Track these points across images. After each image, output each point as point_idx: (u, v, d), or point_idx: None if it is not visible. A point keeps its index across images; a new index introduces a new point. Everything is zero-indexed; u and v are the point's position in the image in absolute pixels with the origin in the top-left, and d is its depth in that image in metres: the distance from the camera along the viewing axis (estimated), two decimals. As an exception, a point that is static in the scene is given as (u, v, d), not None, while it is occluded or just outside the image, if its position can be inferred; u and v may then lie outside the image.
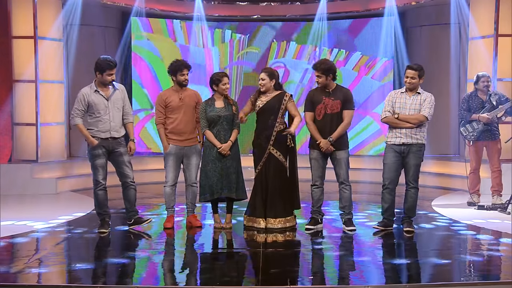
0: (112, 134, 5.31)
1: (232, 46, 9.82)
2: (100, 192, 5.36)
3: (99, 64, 5.29)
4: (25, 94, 8.08)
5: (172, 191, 5.54)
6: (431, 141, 8.76)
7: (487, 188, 6.78)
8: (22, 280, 4.01)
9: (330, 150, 5.35)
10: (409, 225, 5.36)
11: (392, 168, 5.32)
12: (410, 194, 5.35)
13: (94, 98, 5.29)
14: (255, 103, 5.45)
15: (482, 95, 6.62)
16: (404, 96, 5.37)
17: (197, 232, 5.47)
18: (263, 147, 5.38)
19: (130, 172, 5.45)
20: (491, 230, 5.50)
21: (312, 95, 5.48)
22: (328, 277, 4.19)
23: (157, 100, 5.54)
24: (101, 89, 5.32)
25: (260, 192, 5.41)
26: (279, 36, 9.82)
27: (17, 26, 8.05)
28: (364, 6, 9.50)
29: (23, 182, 7.77)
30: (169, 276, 4.27)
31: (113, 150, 5.35)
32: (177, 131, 5.46)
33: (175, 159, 5.49)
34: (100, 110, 5.28)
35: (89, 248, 5.03)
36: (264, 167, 5.39)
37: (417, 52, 9.26)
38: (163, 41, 9.61)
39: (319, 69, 5.35)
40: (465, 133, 6.66)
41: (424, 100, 5.30)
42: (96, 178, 5.34)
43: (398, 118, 5.28)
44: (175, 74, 5.48)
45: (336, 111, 5.35)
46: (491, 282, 3.91)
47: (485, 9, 7.93)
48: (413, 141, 5.28)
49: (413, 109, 5.30)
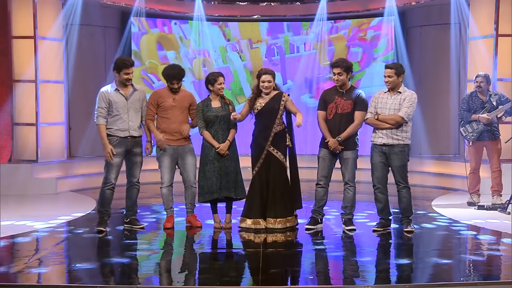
0: (131, 133, 5.36)
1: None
2: (108, 191, 5.38)
3: (116, 64, 5.37)
4: (25, 94, 8.09)
5: (169, 192, 5.53)
6: (431, 141, 8.81)
7: (487, 188, 6.77)
8: (22, 280, 4.01)
9: (338, 149, 5.34)
10: (409, 225, 5.35)
11: (378, 168, 5.31)
12: (403, 194, 5.33)
13: (114, 96, 5.33)
14: (254, 105, 5.42)
15: (482, 95, 6.61)
16: (386, 96, 5.34)
17: (196, 232, 5.47)
18: (262, 146, 5.37)
19: (138, 173, 5.50)
20: (491, 230, 5.50)
21: (325, 95, 5.49)
22: (328, 277, 4.19)
23: (150, 97, 5.51)
24: (121, 89, 5.37)
25: (259, 193, 5.38)
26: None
27: (17, 26, 8.06)
28: (364, 6, 9.51)
29: (23, 182, 7.77)
30: (169, 276, 4.27)
31: (131, 149, 5.39)
32: (170, 130, 5.44)
33: (170, 160, 5.48)
34: (119, 108, 5.32)
35: (89, 248, 5.02)
36: (263, 166, 5.37)
37: (417, 52, 9.28)
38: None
39: (341, 66, 5.33)
40: (465, 133, 6.66)
41: (404, 100, 5.25)
42: (108, 176, 5.35)
43: (378, 119, 5.27)
44: (168, 82, 5.50)
45: (347, 111, 5.34)
46: (491, 282, 3.91)
47: (485, 9, 7.94)
48: (394, 142, 5.23)
49: (392, 109, 5.26)
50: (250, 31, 9.80)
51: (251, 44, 9.82)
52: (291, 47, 9.81)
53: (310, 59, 9.70)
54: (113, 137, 5.33)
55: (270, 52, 9.83)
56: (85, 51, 8.97)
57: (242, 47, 9.76)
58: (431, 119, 9.03)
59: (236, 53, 9.80)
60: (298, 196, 5.54)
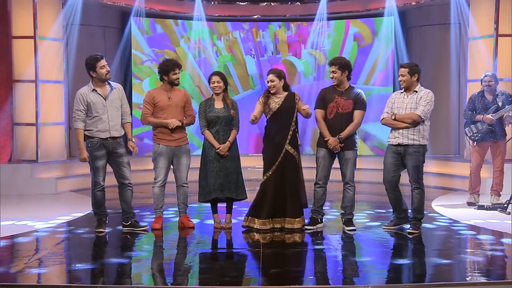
0: (112, 133, 5.29)
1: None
2: (99, 193, 5.36)
3: (88, 63, 5.30)
4: (25, 94, 8.10)
5: (161, 192, 5.50)
6: (432, 141, 8.76)
7: (488, 188, 6.78)
8: (22, 280, 4.02)
9: (337, 149, 5.34)
10: (414, 227, 5.34)
11: (389, 168, 5.33)
12: (414, 195, 5.34)
13: (92, 97, 5.27)
14: (267, 105, 5.37)
15: (489, 95, 6.59)
16: (403, 96, 5.36)
17: (191, 232, 5.46)
18: (280, 145, 5.30)
19: (128, 174, 5.43)
20: (491, 230, 5.51)
21: (324, 93, 5.48)
22: (329, 277, 4.20)
23: (146, 97, 5.47)
24: (99, 88, 5.31)
25: (273, 193, 5.29)
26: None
27: (17, 26, 8.07)
28: (364, 6, 9.53)
29: (23, 182, 7.79)
30: (169, 276, 4.26)
31: (113, 151, 5.32)
32: (166, 130, 5.41)
33: (166, 160, 5.45)
34: (99, 109, 5.25)
35: (88, 248, 5.03)
36: (279, 167, 5.29)
37: (417, 52, 9.29)
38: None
39: (336, 63, 5.35)
40: (469, 134, 6.65)
41: (420, 98, 5.26)
42: (96, 180, 5.32)
43: (395, 119, 5.27)
44: (168, 74, 5.44)
45: (348, 110, 5.34)
46: (491, 282, 3.92)
47: (485, 9, 7.96)
48: (409, 142, 5.23)
49: (409, 109, 5.27)
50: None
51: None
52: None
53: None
54: (94, 139, 5.24)
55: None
56: (85, 51, 8.86)
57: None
58: (431, 119, 8.92)
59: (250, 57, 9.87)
60: (304, 195, 5.50)
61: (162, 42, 9.65)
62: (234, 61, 9.91)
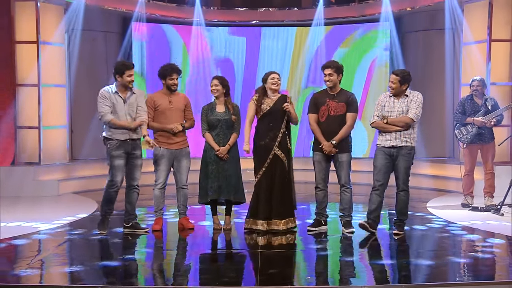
0: (131, 135, 5.33)
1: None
2: (114, 193, 5.35)
3: (118, 67, 5.33)
4: (28, 98, 8.18)
5: (161, 194, 5.54)
6: (426, 143, 8.86)
7: (481, 189, 6.83)
8: (25, 281, 4.02)
9: (332, 153, 5.36)
10: (399, 228, 5.37)
11: (383, 170, 5.29)
12: (401, 197, 5.32)
13: (114, 99, 5.31)
14: (260, 106, 5.39)
15: (478, 98, 6.68)
16: (392, 99, 5.33)
17: (191, 234, 5.49)
18: (269, 148, 5.34)
19: (139, 176, 5.47)
20: (485, 231, 5.55)
21: (316, 98, 5.50)
22: (326, 278, 4.23)
23: (147, 101, 5.48)
24: (120, 92, 5.34)
25: (264, 194, 5.34)
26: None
27: (20, 31, 8.15)
28: (360, 12, 9.62)
29: (26, 184, 7.86)
30: (169, 276, 4.32)
31: (131, 152, 5.37)
32: (167, 134, 5.46)
33: (167, 162, 5.50)
34: (119, 111, 5.29)
35: (90, 249, 5.06)
36: (268, 168, 5.34)
37: (413, 57, 9.36)
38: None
39: (332, 66, 5.36)
40: (459, 136, 6.73)
41: (411, 101, 5.26)
42: (114, 179, 5.29)
43: (387, 123, 5.26)
44: (165, 78, 5.51)
45: (340, 113, 5.35)
46: (486, 282, 3.95)
47: (479, 15, 8.04)
48: (402, 144, 5.23)
49: (400, 112, 5.26)
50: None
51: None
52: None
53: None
54: (113, 140, 5.30)
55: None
56: (87, 56, 9.06)
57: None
58: (426, 122, 9.05)
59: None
60: (294, 197, 5.53)
61: (162, 47, 9.76)
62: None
